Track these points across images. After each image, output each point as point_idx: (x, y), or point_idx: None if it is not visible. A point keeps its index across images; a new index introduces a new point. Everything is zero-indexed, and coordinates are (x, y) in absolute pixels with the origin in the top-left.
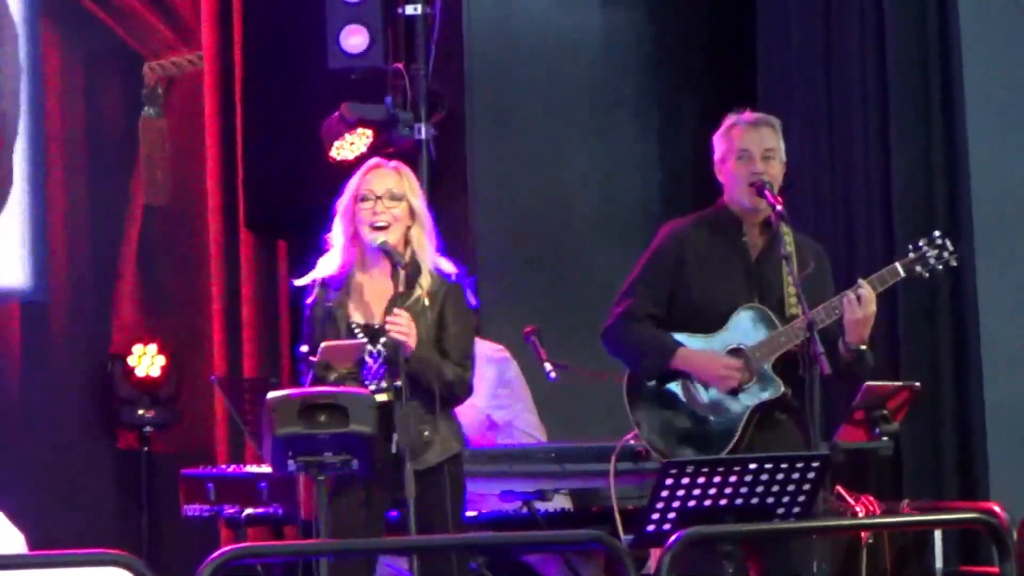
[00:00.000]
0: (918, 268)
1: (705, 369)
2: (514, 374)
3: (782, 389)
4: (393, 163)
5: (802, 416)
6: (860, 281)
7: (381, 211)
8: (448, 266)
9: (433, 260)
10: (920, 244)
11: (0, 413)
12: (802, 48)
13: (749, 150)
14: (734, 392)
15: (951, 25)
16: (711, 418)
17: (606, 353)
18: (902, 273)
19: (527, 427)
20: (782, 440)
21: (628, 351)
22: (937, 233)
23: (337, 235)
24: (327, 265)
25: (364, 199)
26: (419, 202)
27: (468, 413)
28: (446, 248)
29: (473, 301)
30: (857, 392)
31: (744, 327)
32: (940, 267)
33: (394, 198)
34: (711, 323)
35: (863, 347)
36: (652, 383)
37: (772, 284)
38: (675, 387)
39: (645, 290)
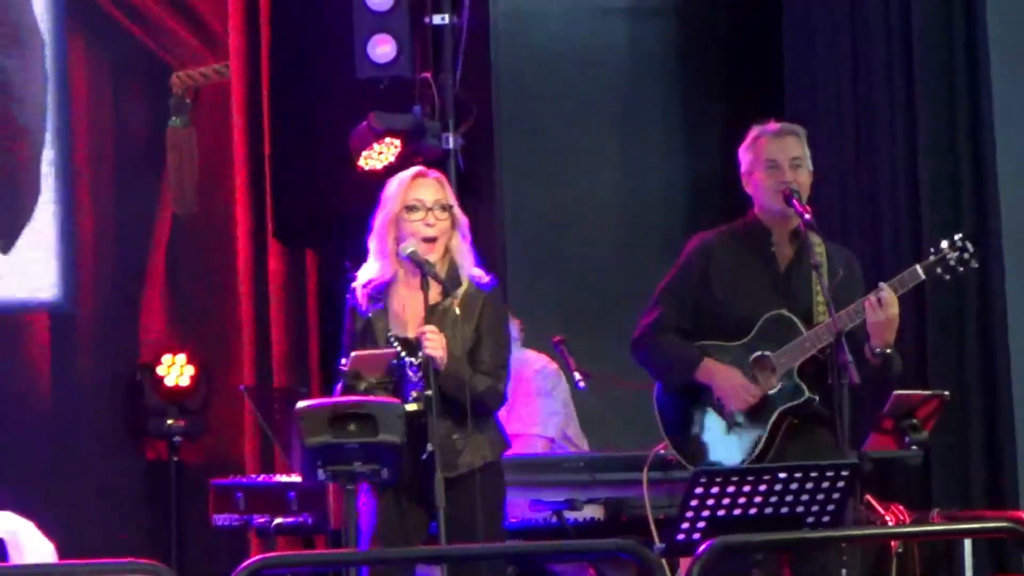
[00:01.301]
0: (939, 270)
1: (722, 385)
2: (564, 386)
3: (806, 395)
4: (434, 173)
5: (833, 424)
6: (881, 284)
7: (433, 222)
8: (482, 275)
9: (470, 269)
10: (941, 246)
11: (29, 423)
12: (828, 56)
13: (776, 159)
14: (762, 400)
15: (978, 32)
16: (738, 426)
17: (633, 361)
18: (922, 275)
19: (577, 439)
20: (813, 448)
21: (655, 363)
22: (958, 235)
23: (380, 245)
24: (369, 273)
25: (414, 209)
26: (459, 211)
27: (534, 444)
28: (476, 256)
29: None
30: (886, 401)
31: (769, 333)
32: (961, 269)
33: (444, 208)
34: (739, 331)
35: (888, 350)
36: (681, 393)
37: (801, 293)
38: (703, 396)
39: (672, 302)
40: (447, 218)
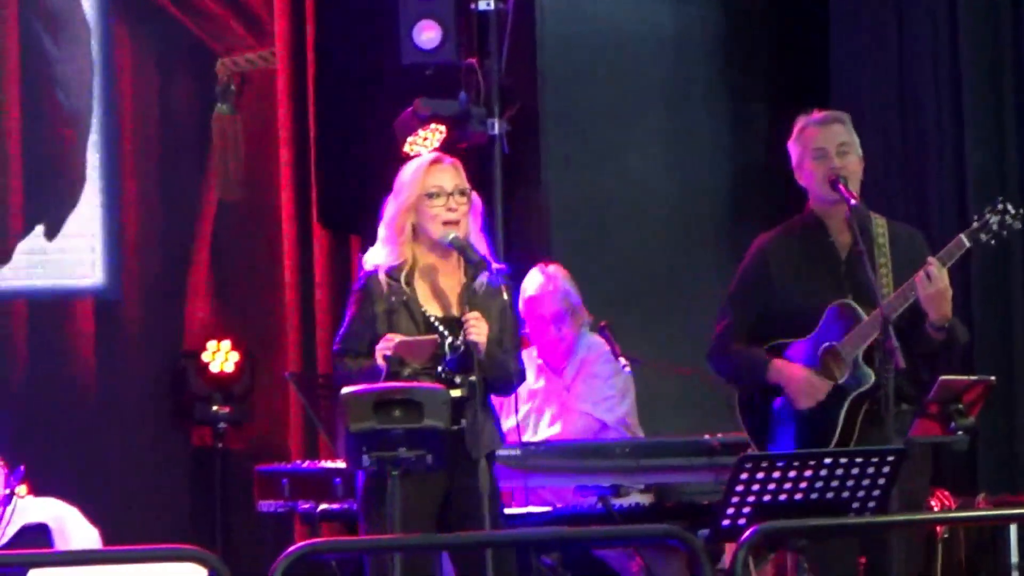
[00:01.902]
0: (982, 236)
1: (789, 384)
2: (627, 375)
3: (873, 380)
4: (449, 159)
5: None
6: (929, 259)
7: (455, 206)
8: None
9: (483, 252)
10: (984, 212)
11: (74, 410)
12: (874, 44)
13: (824, 148)
14: (833, 389)
15: None
16: (814, 417)
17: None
18: (967, 243)
19: (635, 427)
20: (883, 434)
21: (729, 372)
22: (999, 199)
23: (395, 231)
24: (382, 258)
25: (434, 195)
26: (475, 196)
27: (580, 422)
28: (520, 243)
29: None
30: (932, 386)
31: (834, 324)
32: (1004, 232)
33: (463, 193)
34: (808, 326)
35: (946, 323)
36: (758, 394)
37: (864, 279)
38: (781, 393)
39: (737, 309)
40: (466, 202)
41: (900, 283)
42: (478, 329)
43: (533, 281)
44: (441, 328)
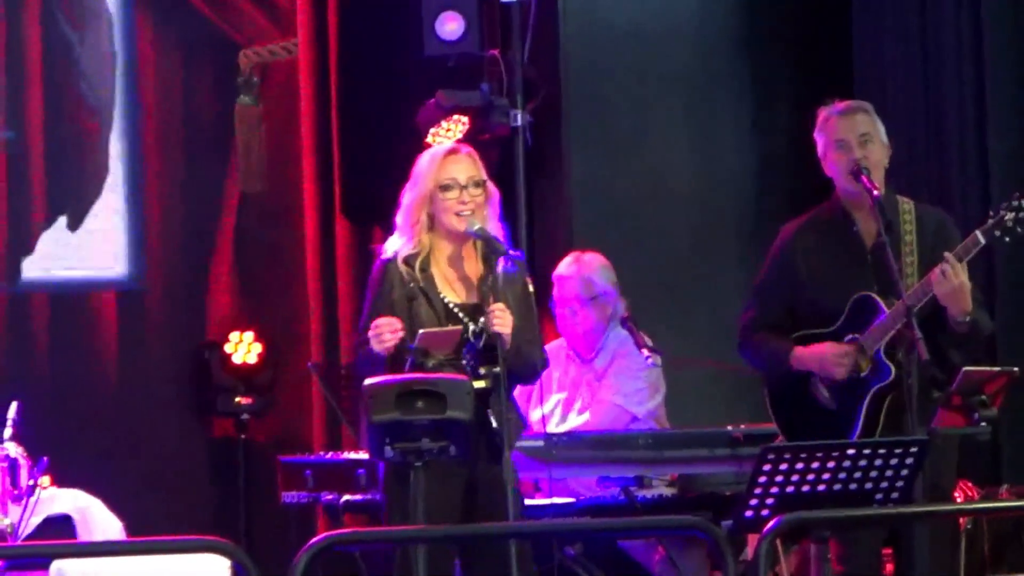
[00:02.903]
0: (997, 232)
1: (817, 363)
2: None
3: (894, 373)
4: (466, 148)
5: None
6: (946, 255)
7: (468, 200)
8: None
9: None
10: (999, 209)
11: (98, 402)
12: (897, 35)
13: (846, 138)
14: (855, 382)
15: None
16: (836, 410)
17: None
18: (982, 240)
19: (663, 420)
20: (905, 426)
21: (756, 362)
22: (1016, 194)
23: (411, 221)
24: (399, 247)
25: (448, 188)
26: (492, 186)
27: (611, 413)
28: (543, 234)
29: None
30: (955, 377)
31: (857, 316)
32: (1020, 228)
33: (477, 185)
34: (830, 318)
35: (967, 317)
36: (786, 386)
37: (891, 269)
38: (805, 387)
39: (763, 300)
40: (481, 194)
41: (927, 268)
42: (503, 320)
43: (564, 262)
44: (461, 315)
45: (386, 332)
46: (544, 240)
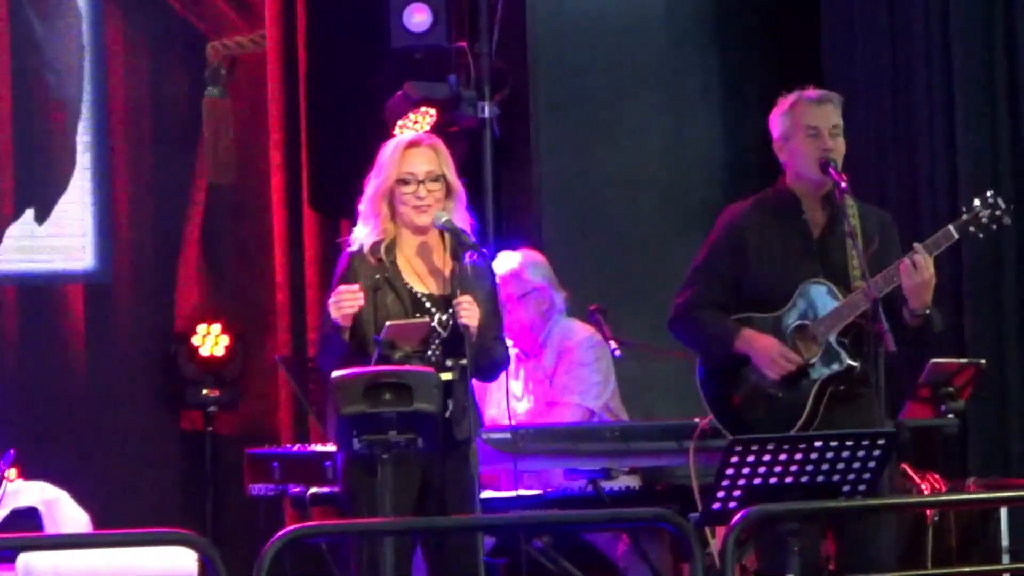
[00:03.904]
0: (971, 228)
1: (760, 353)
2: (608, 358)
3: (848, 362)
4: (428, 139)
5: (876, 392)
6: (915, 246)
7: (424, 195)
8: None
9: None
10: (974, 204)
11: (65, 394)
12: (866, 22)
13: (817, 127)
14: (802, 369)
15: None
16: (780, 395)
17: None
18: (956, 235)
19: (618, 411)
20: (855, 416)
21: (693, 339)
22: (990, 193)
23: (372, 211)
24: (364, 235)
25: (405, 182)
26: (454, 178)
27: (574, 414)
28: (511, 227)
29: None
30: (922, 369)
31: (808, 302)
32: (994, 226)
33: (435, 179)
34: (777, 302)
35: (927, 311)
36: (722, 365)
37: (836, 260)
38: (744, 370)
39: (706, 278)
40: (439, 188)
41: (871, 264)
42: (470, 313)
43: (497, 263)
44: (427, 304)
45: (346, 298)
46: (512, 232)
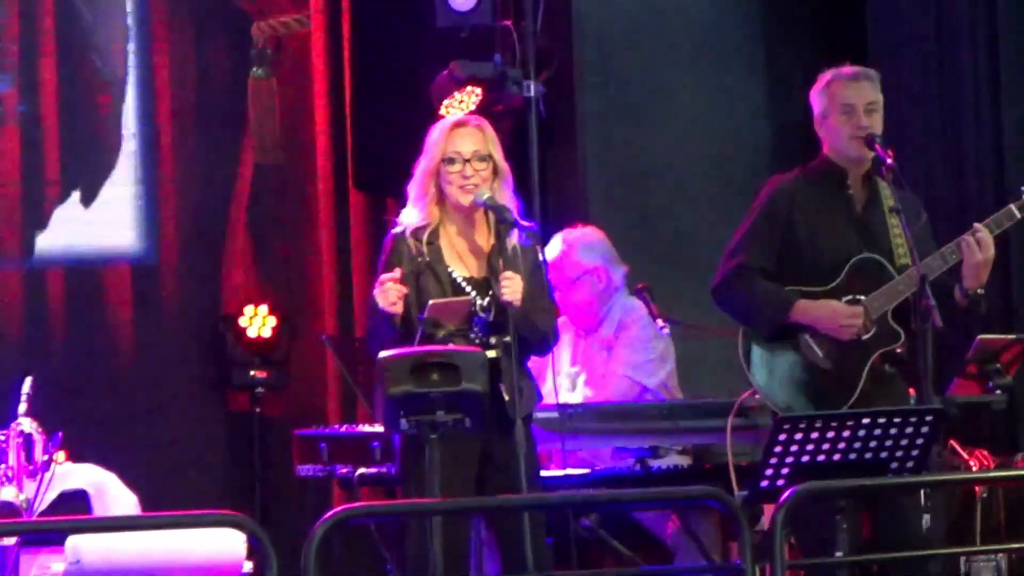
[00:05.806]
0: None
1: (827, 320)
2: (667, 338)
3: (903, 338)
4: (475, 120)
5: (913, 369)
6: (976, 225)
7: (471, 174)
8: (523, 220)
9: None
10: None
11: (112, 376)
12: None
13: (853, 104)
14: (855, 343)
15: None
16: (831, 372)
17: (716, 308)
18: (1018, 215)
19: (676, 390)
20: (893, 393)
21: (743, 306)
22: None
23: (420, 192)
24: (412, 218)
25: (452, 161)
26: (501, 159)
27: (621, 385)
28: (558, 205)
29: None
30: (970, 346)
31: (859, 277)
32: None
33: (482, 159)
34: (824, 275)
35: (980, 291)
36: (767, 339)
37: (878, 235)
38: (792, 342)
39: (756, 245)
40: (486, 168)
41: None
42: (512, 287)
43: (550, 243)
44: (468, 288)
45: (390, 288)
46: (558, 211)
